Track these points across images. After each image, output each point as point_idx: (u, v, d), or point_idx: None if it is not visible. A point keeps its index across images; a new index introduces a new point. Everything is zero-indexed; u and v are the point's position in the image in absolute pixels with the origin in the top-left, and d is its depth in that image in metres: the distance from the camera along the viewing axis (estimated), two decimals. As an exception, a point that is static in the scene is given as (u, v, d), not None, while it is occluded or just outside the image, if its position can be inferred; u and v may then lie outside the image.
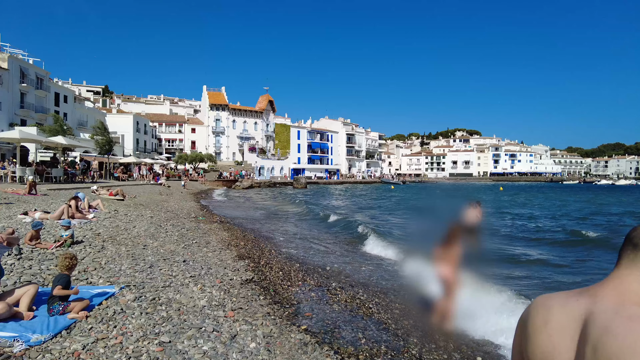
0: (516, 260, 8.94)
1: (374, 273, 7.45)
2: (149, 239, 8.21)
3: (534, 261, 8.93)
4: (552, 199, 36.91)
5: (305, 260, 8.14)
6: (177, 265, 6.17)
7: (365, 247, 10.35)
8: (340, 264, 8.14)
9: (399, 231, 13.74)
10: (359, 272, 7.51)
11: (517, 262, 8.77)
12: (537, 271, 7.98)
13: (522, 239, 12.59)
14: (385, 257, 9.03)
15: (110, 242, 7.43)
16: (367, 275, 7.29)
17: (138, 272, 5.34)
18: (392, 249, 9.47)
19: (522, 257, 9.29)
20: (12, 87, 38.41)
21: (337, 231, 13.58)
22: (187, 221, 12.71)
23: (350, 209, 23.64)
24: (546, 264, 8.70)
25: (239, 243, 9.28)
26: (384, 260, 8.69)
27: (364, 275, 7.28)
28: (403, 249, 9.08)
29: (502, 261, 8.57)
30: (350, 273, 7.30)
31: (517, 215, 20.13)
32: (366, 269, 7.81)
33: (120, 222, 10.11)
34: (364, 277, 7.12)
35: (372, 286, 6.39)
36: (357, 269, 7.71)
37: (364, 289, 6.13)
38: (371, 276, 7.19)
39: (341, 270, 7.44)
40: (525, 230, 14.69)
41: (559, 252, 10.17)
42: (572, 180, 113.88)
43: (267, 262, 7.39)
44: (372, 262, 8.47)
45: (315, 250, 9.84)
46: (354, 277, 7.02)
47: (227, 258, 7.40)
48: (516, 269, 8.05)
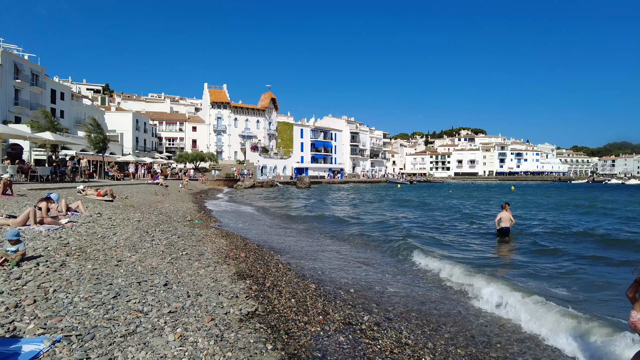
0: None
1: (415, 293, 5.85)
2: (127, 251, 6.64)
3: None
4: (584, 199, 34.01)
5: (321, 278, 6.55)
6: (155, 291, 4.59)
7: (403, 257, 8.75)
8: (367, 280, 6.53)
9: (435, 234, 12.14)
10: (393, 293, 5.91)
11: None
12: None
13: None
14: (426, 268, 7.41)
15: (76, 256, 5.86)
16: (405, 297, 5.69)
17: (94, 308, 3.76)
18: (439, 261, 7.82)
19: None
20: (5, 83, 37.02)
21: (352, 235, 11.98)
22: (181, 225, 11.15)
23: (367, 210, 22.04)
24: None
25: (238, 254, 7.69)
26: (424, 272, 7.08)
27: (401, 297, 5.68)
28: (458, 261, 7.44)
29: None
30: (383, 294, 5.71)
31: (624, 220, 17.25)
32: (400, 286, 6.21)
33: (100, 228, 8.55)
34: (403, 301, 5.52)
35: (420, 317, 4.79)
36: (389, 288, 6.11)
37: (407, 324, 4.53)
38: (412, 300, 5.58)
39: (370, 291, 5.84)
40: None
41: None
42: (581, 180, 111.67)
43: (274, 282, 5.79)
44: (405, 275, 6.86)
45: (329, 260, 8.24)
46: (390, 301, 5.43)
47: (223, 277, 5.81)
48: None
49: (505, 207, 12.53)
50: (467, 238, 12.29)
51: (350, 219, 16.36)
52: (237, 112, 71.42)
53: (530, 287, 6.12)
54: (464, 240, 11.71)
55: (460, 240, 11.70)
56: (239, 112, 71.69)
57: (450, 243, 11.21)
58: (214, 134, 69.37)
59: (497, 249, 10.92)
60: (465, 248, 10.38)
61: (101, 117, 50.69)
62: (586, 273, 7.27)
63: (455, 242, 11.35)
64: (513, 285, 5.81)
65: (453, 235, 12.81)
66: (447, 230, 13.78)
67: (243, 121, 71.79)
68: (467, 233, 13.35)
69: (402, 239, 10.65)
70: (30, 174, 17.85)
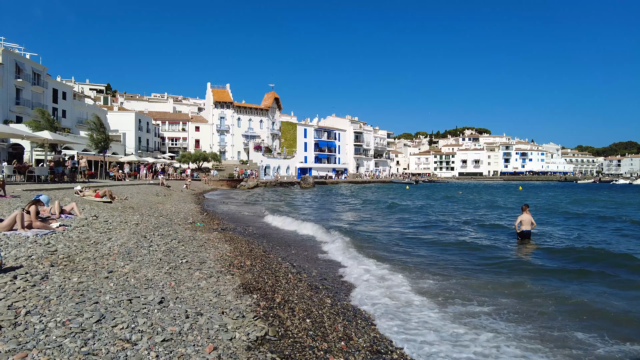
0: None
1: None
2: (121, 260, 5.97)
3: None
4: (602, 198, 32.42)
5: (338, 289, 5.85)
6: (148, 311, 3.92)
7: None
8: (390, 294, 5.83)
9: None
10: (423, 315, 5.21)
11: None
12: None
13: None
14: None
15: (62, 266, 5.21)
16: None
17: (70, 338, 3.09)
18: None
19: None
20: (6, 82, 36.59)
21: (368, 243, 11.27)
22: (182, 229, 10.50)
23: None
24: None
25: (244, 262, 7.02)
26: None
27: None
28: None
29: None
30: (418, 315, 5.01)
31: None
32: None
33: (94, 233, 7.90)
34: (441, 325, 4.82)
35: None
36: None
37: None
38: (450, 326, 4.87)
39: (400, 310, 5.15)
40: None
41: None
42: (587, 180, 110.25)
43: (284, 297, 5.10)
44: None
45: (343, 268, 7.55)
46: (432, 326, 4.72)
47: (227, 290, 5.14)
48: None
49: (525, 209, 11.83)
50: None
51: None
52: (240, 111, 70.89)
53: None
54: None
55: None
56: (242, 112, 71.16)
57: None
58: (217, 134, 68.87)
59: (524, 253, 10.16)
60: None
61: (103, 117, 50.23)
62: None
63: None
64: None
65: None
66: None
67: (246, 121, 71.26)
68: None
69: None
70: (27, 174, 17.28)
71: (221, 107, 69.16)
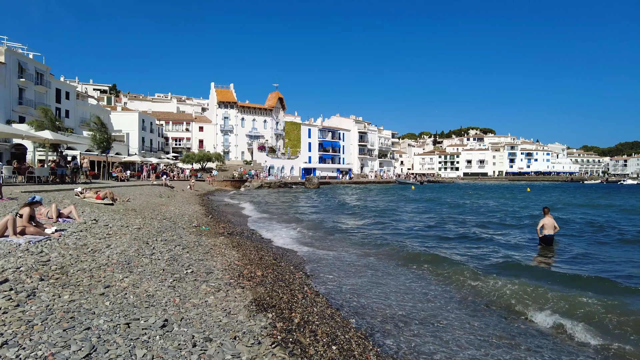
0: None
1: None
2: (119, 271, 5.39)
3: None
4: (618, 202, 30.12)
5: (364, 307, 5.24)
6: (148, 338, 3.33)
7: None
8: (427, 310, 5.22)
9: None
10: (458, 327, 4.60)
11: None
12: None
13: None
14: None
15: (53, 280, 4.64)
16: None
17: (51, 381, 2.50)
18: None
19: None
20: (9, 82, 36.28)
21: (381, 242, 10.66)
22: (186, 233, 9.93)
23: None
24: None
25: (254, 272, 6.42)
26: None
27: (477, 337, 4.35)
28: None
29: None
30: (445, 331, 4.39)
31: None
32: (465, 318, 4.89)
33: (92, 239, 7.34)
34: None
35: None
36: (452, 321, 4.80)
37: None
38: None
39: (427, 326, 4.53)
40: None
41: None
42: (594, 180, 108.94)
43: (303, 316, 4.50)
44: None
45: (368, 277, 6.94)
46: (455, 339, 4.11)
47: (238, 308, 4.54)
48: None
49: (547, 212, 11.17)
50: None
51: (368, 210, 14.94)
52: (244, 111, 70.42)
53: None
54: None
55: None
56: (246, 112, 70.69)
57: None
58: (221, 134, 68.43)
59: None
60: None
61: (107, 117, 49.92)
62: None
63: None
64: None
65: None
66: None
67: (250, 121, 70.77)
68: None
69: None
70: (27, 175, 16.80)
71: (225, 107, 68.71)
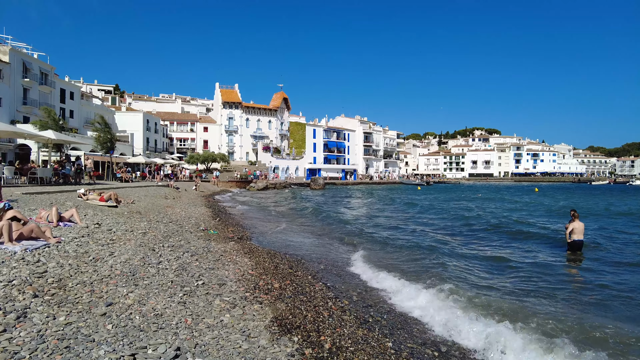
0: None
1: None
2: (124, 284, 4.84)
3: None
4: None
5: (392, 323, 4.65)
6: (158, 376, 2.77)
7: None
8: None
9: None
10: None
11: None
12: None
13: None
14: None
15: (49, 296, 4.09)
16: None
17: None
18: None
19: None
20: (13, 82, 35.98)
21: (410, 245, 10.06)
22: (194, 237, 9.38)
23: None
24: None
25: (271, 283, 5.85)
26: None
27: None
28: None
29: None
30: None
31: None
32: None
33: (94, 246, 6.81)
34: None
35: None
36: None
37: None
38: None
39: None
40: None
41: None
42: (602, 181, 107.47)
43: (334, 340, 3.92)
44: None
45: (385, 292, 6.33)
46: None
47: (258, 330, 3.97)
48: None
49: (577, 216, 10.51)
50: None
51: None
52: (248, 112, 69.99)
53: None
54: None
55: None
56: (251, 112, 70.25)
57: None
58: (226, 135, 68.03)
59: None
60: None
61: (111, 117, 49.61)
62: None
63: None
64: None
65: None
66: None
67: (255, 121, 70.33)
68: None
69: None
70: (29, 175, 16.35)
71: (230, 108, 68.31)
